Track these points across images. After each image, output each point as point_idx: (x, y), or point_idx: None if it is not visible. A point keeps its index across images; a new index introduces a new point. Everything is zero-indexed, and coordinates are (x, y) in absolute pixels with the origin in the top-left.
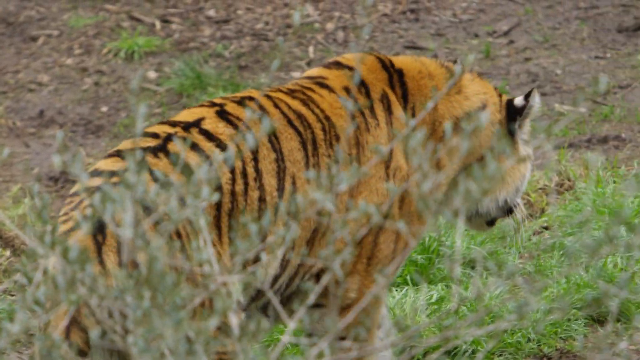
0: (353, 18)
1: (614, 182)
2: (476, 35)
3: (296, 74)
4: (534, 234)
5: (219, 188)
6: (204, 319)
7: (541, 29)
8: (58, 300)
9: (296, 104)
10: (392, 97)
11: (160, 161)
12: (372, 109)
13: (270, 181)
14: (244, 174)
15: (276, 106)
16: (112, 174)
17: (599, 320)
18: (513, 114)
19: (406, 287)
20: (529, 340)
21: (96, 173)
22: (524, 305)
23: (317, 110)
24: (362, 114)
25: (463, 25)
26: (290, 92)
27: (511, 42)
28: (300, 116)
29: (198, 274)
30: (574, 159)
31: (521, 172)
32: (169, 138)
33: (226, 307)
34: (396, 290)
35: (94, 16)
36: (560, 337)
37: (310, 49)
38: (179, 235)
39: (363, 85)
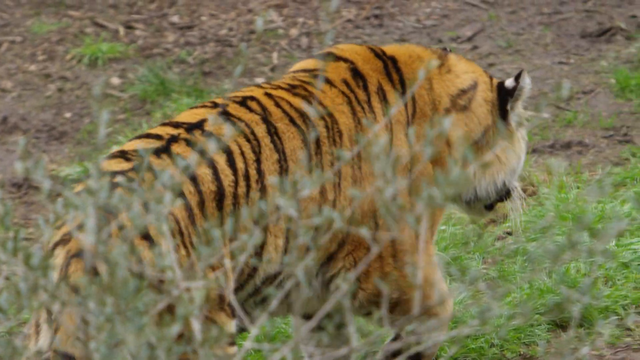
0: (317, 24)
1: (577, 187)
2: (440, 41)
3: (260, 80)
4: (497, 240)
5: (221, 191)
6: (167, 324)
7: (505, 34)
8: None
9: (298, 102)
10: (387, 87)
11: (164, 162)
12: (369, 102)
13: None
14: (247, 176)
15: (277, 105)
16: (115, 174)
17: (561, 326)
18: (504, 96)
19: None
20: (491, 345)
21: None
22: (486, 311)
23: (319, 107)
24: (362, 109)
25: (427, 30)
26: (291, 89)
27: (475, 47)
28: (302, 114)
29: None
30: (537, 164)
31: (516, 153)
32: (172, 139)
33: (188, 313)
34: None
35: (57, 22)
36: (523, 342)
37: (274, 54)
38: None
39: (361, 77)
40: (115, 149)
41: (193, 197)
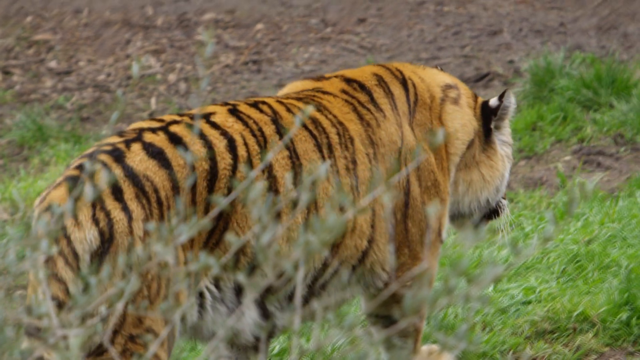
0: (195, 69)
1: (454, 233)
2: None
3: None
4: None
5: (214, 171)
6: None
7: None
8: None
9: (310, 109)
10: (388, 77)
11: (157, 136)
12: (373, 100)
13: (283, 174)
14: (249, 164)
15: (289, 110)
16: (104, 145)
17: None
18: (488, 115)
19: None
20: None
21: (93, 147)
22: (363, 357)
23: (330, 116)
24: (369, 109)
25: (305, 75)
26: (300, 99)
27: None
28: (314, 121)
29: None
30: None
31: (500, 172)
32: (173, 122)
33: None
34: None
35: None
36: None
37: (153, 100)
38: None
39: (354, 81)
40: None
41: (182, 169)
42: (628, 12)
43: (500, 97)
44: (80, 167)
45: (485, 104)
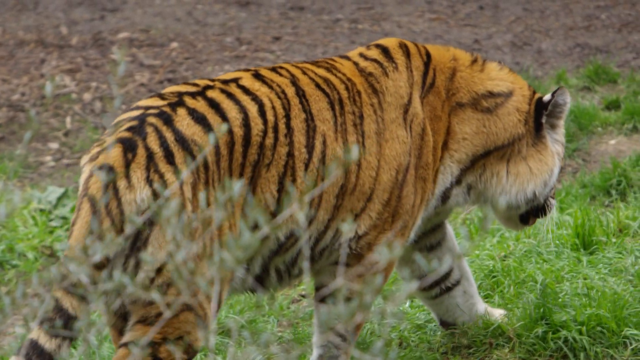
0: (110, 88)
1: None
2: None
3: (54, 145)
4: (292, 302)
5: (248, 137)
6: None
7: None
8: None
9: (322, 71)
10: (413, 49)
11: (198, 102)
12: (387, 53)
13: (300, 139)
14: (275, 129)
15: (304, 73)
16: (150, 108)
17: None
18: (540, 110)
19: None
20: None
21: (136, 107)
22: None
23: (339, 74)
24: (375, 60)
25: None
26: (315, 63)
27: None
28: (326, 80)
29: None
30: None
31: (549, 166)
32: (208, 87)
33: None
34: None
35: None
36: None
37: (68, 119)
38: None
39: (375, 45)
40: None
41: (223, 135)
42: (542, 28)
43: (554, 93)
44: (132, 129)
45: (539, 99)
